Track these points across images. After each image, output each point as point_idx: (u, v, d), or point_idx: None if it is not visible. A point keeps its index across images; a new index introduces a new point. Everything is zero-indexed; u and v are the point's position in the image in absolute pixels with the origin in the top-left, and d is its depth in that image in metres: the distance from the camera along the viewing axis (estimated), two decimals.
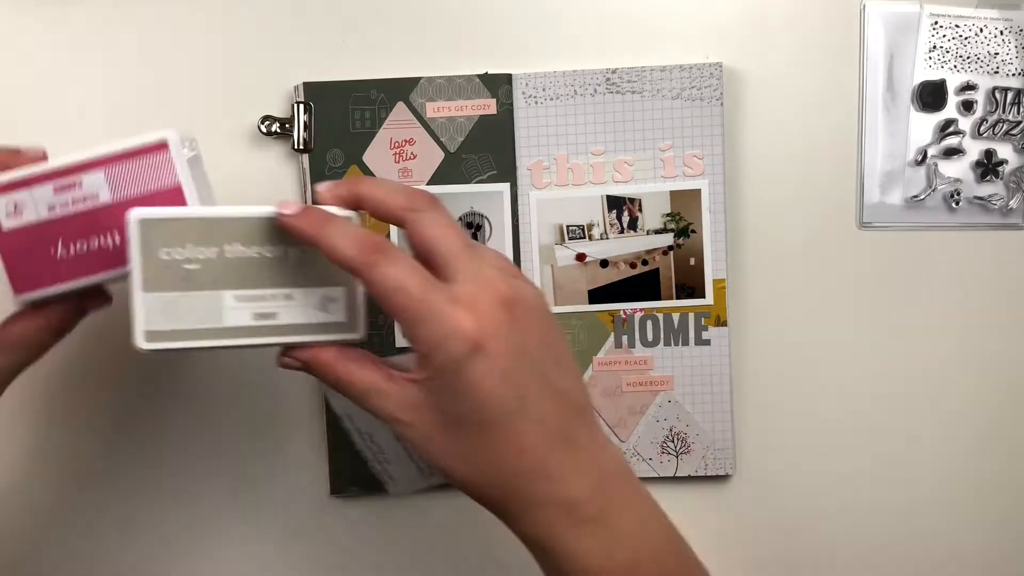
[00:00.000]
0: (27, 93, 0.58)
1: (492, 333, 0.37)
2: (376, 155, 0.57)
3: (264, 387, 0.59)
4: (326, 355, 0.40)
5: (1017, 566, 0.60)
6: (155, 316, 0.36)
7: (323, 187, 0.42)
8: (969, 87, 0.58)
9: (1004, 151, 0.58)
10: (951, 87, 0.58)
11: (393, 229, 0.57)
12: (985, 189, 0.58)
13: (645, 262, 0.58)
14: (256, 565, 0.60)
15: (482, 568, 0.60)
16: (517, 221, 0.58)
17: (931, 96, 0.58)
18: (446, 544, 0.60)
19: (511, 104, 0.57)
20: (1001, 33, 0.57)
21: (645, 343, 0.58)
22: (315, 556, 0.60)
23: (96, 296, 0.44)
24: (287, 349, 0.40)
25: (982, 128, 0.58)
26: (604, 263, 0.58)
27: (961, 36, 0.58)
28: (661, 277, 0.58)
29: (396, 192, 0.41)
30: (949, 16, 0.58)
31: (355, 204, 0.42)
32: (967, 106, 0.58)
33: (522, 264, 0.58)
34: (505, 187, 0.58)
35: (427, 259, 0.40)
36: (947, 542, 0.60)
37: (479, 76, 0.57)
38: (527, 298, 0.40)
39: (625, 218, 0.58)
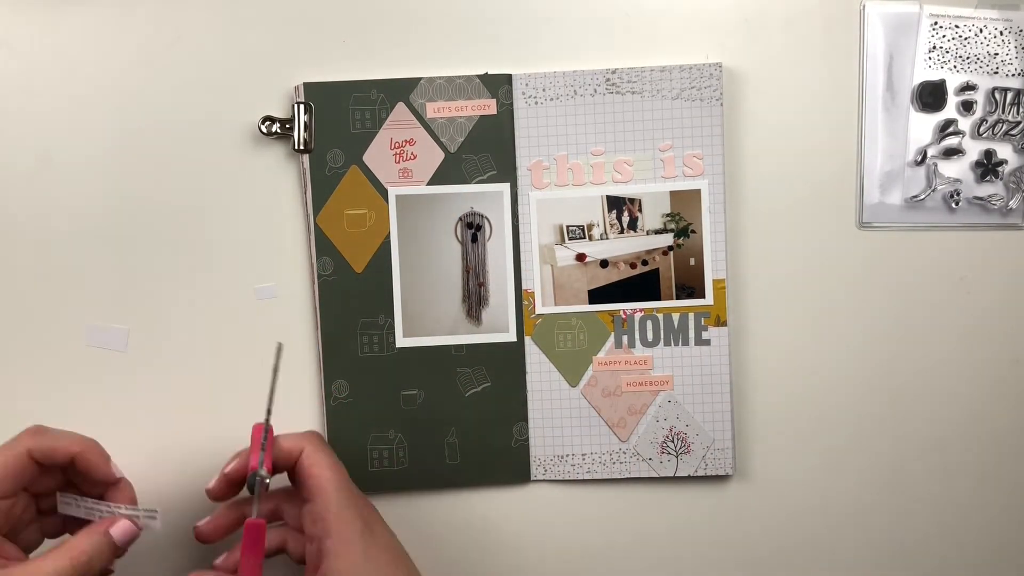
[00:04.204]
0: (27, 93, 0.58)
1: None
2: (376, 155, 0.57)
3: (264, 387, 0.59)
4: None
5: (1017, 565, 0.60)
6: None
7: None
8: (969, 87, 0.58)
9: (1004, 151, 0.58)
10: (951, 87, 0.58)
11: (392, 229, 0.57)
12: (985, 189, 0.58)
13: (645, 262, 0.58)
14: None
15: (481, 567, 0.60)
16: (517, 221, 0.58)
17: (931, 96, 0.58)
18: (445, 543, 0.60)
19: (511, 104, 0.57)
20: (1001, 33, 0.57)
21: (645, 343, 0.58)
22: None
23: None
24: None
25: (982, 128, 0.58)
26: (604, 263, 0.58)
27: (961, 36, 0.58)
28: (661, 277, 0.58)
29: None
30: (949, 16, 0.58)
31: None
32: (967, 106, 0.58)
33: (522, 264, 0.58)
34: (505, 187, 0.58)
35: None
36: (946, 541, 0.60)
37: (479, 76, 0.57)
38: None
39: (625, 218, 0.58)
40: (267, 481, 0.48)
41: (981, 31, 0.57)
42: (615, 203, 0.58)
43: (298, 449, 0.49)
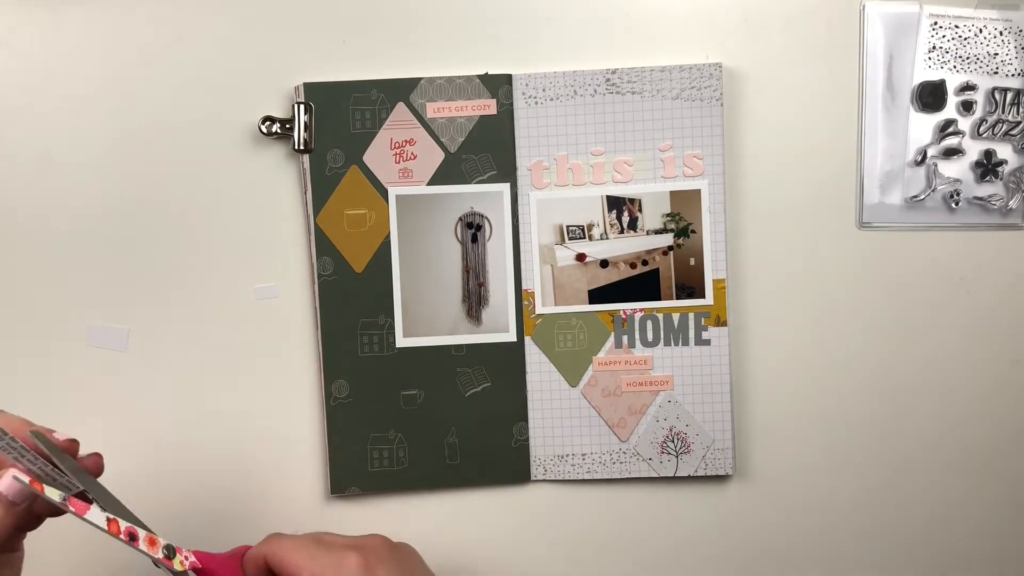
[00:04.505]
0: (27, 93, 0.58)
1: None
2: (376, 155, 0.57)
3: (264, 387, 0.59)
4: None
5: (1017, 565, 0.60)
6: None
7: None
8: (969, 87, 0.58)
9: (1004, 151, 0.58)
10: (951, 87, 0.58)
11: (392, 229, 0.58)
12: (985, 189, 0.58)
13: (645, 262, 0.58)
14: None
15: (481, 567, 0.60)
16: (517, 221, 0.58)
17: (931, 96, 0.58)
18: (445, 543, 0.60)
19: (511, 104, 0.57)
20: (1000, 33, 0.57)
21: (645, 343, 0.58)
22: None
23: None
24: None
25: (982, 128, 0.58)
26: (604, 263, 0.58)
27: (961, 36, 0.58)
28: (661, 277, 0.58)
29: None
30: (949, 16, 0.58)
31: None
32: (967, 106, 0.58)
33: (522, 264, 0.58)
34: (505, 187, 0.58)
35: None
36: (947, 541, 0.60)
37: (479, 76, 0.57)
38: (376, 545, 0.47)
39: (625, 218, 0.58)
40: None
41: (981, 31, 0.57)
42: (615, 203, 0.58)
43: (260, 557, 0.46)
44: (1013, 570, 0.60)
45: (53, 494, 0.40)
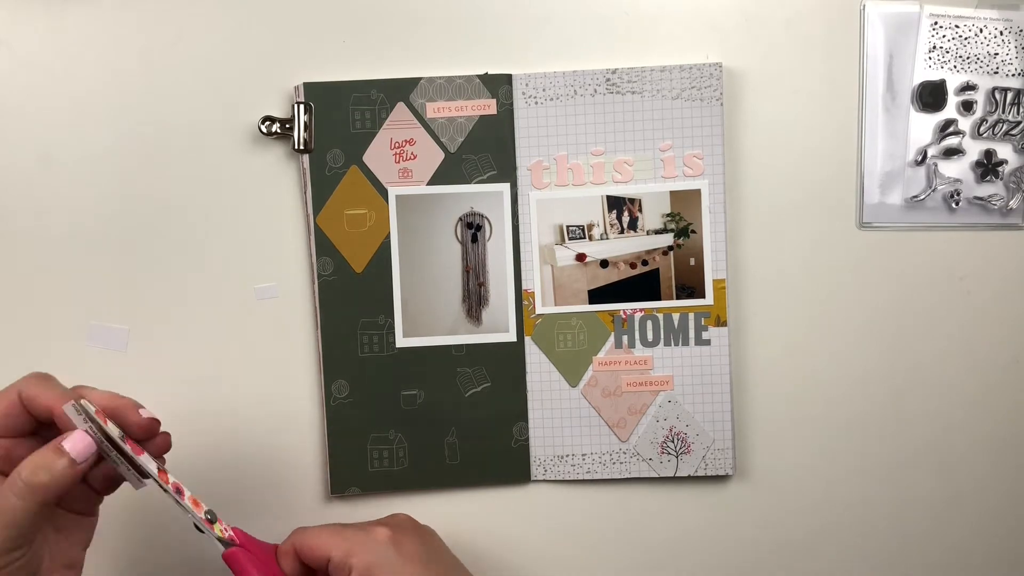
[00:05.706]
0: (27, 93, 0.58)
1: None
2: (376, 155, 0.57)
3: (264, 387, 0.59)
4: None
5: (1016, 565, 0.60)
6: None
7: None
8: (969, 87, 0.58)
9: (1004, 151, 0.58)
10: (951, 87, 0.58)
11: (392, 229, 0.58)
12: (985, 189, 0.58)
13: (645, 262, 0.58)
14: None
15: (481, 567, 0.60)
16: (517, 221, 0.58)
17: (931, 96, 0.58)
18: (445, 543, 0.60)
19: (511, 104, 0.57)
20: (1001, 33, 0.57)
21: (645, 343, 0.58)
22: None
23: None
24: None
25: (982, 128, 0.58)
26: (604, 263, 0.58)
27: (961, 36, 0.58)
28: (661, 277, 0.58)
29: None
30: (949, 16, 0.58)
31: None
32: (967, 106, 0.58)
33: (522, 264, 0.58)
34: (505, 187, 0.58)
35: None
36: (946, 541, 0.60)
37: (479, 76, 0.57)
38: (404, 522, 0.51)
39: (625, 218, 0.58)
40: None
41: (981, 31, 0.57)
42: (615, 203, 0.58)
43: (290, 548, 0.48)
44: (1014, 570, 0.60)
45: (113, 431, 0.43)
